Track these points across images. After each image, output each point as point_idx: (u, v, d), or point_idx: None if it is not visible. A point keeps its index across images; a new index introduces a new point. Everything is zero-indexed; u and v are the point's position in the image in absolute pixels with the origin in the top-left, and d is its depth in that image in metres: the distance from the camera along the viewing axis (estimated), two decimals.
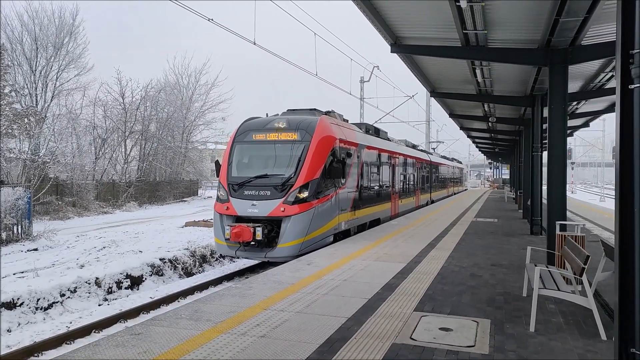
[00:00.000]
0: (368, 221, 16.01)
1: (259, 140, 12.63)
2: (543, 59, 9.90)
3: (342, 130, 13.74)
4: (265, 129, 12.70)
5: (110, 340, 5.27)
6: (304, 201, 11.45)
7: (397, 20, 10.04)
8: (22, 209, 17.22)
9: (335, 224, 12.78)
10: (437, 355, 4.88)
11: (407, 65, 13.48)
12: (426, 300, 6.96)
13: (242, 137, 12.91)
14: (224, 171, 12.52)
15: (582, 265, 5.64)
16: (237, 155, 12.80)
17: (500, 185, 63.62)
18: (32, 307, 9.89)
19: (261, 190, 11.71)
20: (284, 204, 11.38)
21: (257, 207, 11.54)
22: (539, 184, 15.65)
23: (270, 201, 11.51)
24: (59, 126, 30.73)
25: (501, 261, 10.20)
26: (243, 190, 11.91)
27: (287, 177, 11.74)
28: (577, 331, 5.72)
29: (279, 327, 5.68)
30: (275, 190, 11.60)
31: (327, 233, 12.30)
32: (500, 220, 19.34)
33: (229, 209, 11.83)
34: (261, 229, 11.11)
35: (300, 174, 11.66)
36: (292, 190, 11.47)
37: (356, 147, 14.58)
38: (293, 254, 11.05)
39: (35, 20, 31.86)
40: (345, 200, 13.50)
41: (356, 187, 14.56)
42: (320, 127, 12.41)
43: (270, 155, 12.53)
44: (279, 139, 12.41)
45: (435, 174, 32.86)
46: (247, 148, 12.82)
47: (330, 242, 12.46)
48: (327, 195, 12.24)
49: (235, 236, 11.12)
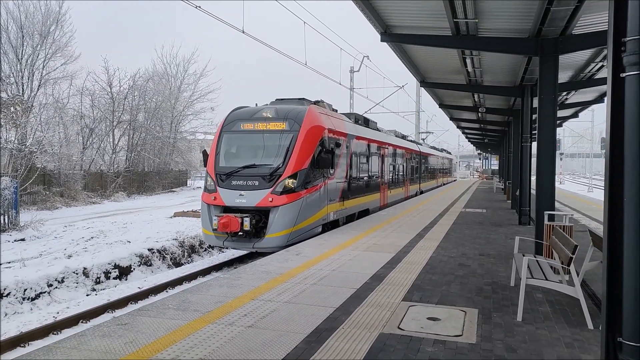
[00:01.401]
0: (357, 212, 16.01)
1: (247, 130, 12.52)
2: (533, 48, 9.88)
3: (331, 120, 13.63)
4: (253, 118, 12.61)
5: (96, 330, 5.20)
6: (292, 191, 11.37)
7: (387, 8, 9.96)
8: (9, 199, 17.00)
9: (323, 214, 12.71)
10: (425, 345, 4.88)
11: (397, 54, 13.41)
12: (414, 290, 6.96)
13: (229, 127, 12.80)
14: (212, 161, 12.41)
15: (570, 255, 5.66)
16: (224, 145, 12.67)
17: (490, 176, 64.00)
18: (19, 298, 9.78)
19: (249, 180, 11.63)
20: (272, 194, 11.30)
21: (245, 197, 11.46)
22: (527, 174, 15.73)
23: (258, 191, 11.43)
24: (45, 115, 30.29)
25: (489, 251, 10.25)
26: (231, 180, 11.83)
27: (275, 167, 11.64)
28: (564, 320, 5.76)
29: (266, 317, 5.65)
30: (263, 181, 11.54)
31: (315, 223, 12.25)
32: (488, 211, 19.44)
33: (216, 199, 11.72)
34: (249, 220, 11.01)
35: (289, 164, 11.57)
36: (280, 181, 11.40)
37: (345, 137, 14.49)
38: (281, 245, 11.00)
39: (20, 8, 31.25)
40: (334, 190, 13.43)
41: (345, 178, 14.48)
42: (309, 117, 12.31)
43: (258, 145, 12.38)
44: (267, 129, 12.30)
45: (424, 165, 32.80)
46: (235, 138, 12.69)
47: (318, 232, 12.40)
48: (316, 186, 12.16)
49: (222, 226, 11.02)
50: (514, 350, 4.81)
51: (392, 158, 21.83)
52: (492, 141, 45.66)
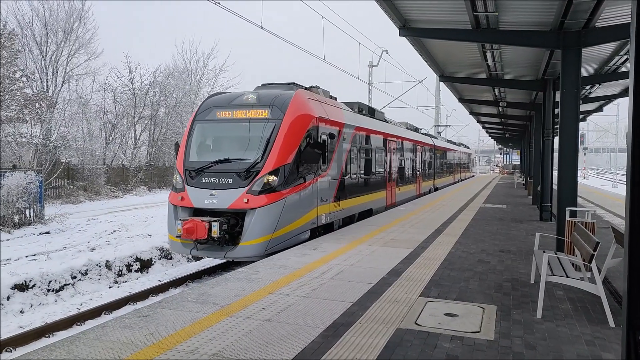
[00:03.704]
0: (357, 212, 14.42)
1: (223, 119, 10.92)
2: (555, 41, 9.69)
3: (324, 108, 12.04)
4: (231, 105, 11.00)
5: (118, 321, 5.32)
6: (272, 190, 9.79)
7: (405, 3, 9.87)
8: (34, 193, 17.40)
9: (312, 217, 11.08)
10: (442, 341, 4.86)
11: (415, 49, 13.29)
12: (432, 285, 6.94)
13: (204, 115, 11.22)
14: (181, 155, 10.90)
15: (592, 251, 5.57)
16: (196, 136, 11.09)
17: (510, 171, 63.10)
18: (44, 289, 10.03)
19: (222, 177, 10.07)
20: (247, 193, 9.71)
21: (217, 198, 9.86)
22: (549, 169, 15.48)
23: (231, 190, 9.84)
24: (69, 111, 30.91)
25: (509, 247, 10.14)
26: (201, 177, 10.25)
27: (252, 162, 10.03)
28: (585, 318, 5.68)
29: (284, 311, 5.70)
30: (238, 178, 9.95)
31: (302, 228, 10.65)
32: (509, 207, 19.20)
33: (184, 199, 10.17)
34: (218, 225, 9.41)
35: (269, 158, 9.99)
36: (259, 178, 9.82)
37: (342, 128, 12.89)
38: (258, 254, 9.55)
39: (45, 5, 31.85)
40: (326, 189, 11.83)
41: (341, 174, 12.87)
42: (295, 104, 10.69)
43: (235, 136, 10.84)
44: (246, 117, 10.69)
45: (439, 160, 30.94)
46: (209, 128, 11.12)
47: (306, 238, 10.83)
48: (303, 184, 10.58)
49: (187, 232, 9.41)
50: (533, 347, 4.77)
51: (401, 152, 20.15)
52: (513, 136, 44.96)
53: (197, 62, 46.08)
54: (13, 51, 22.18)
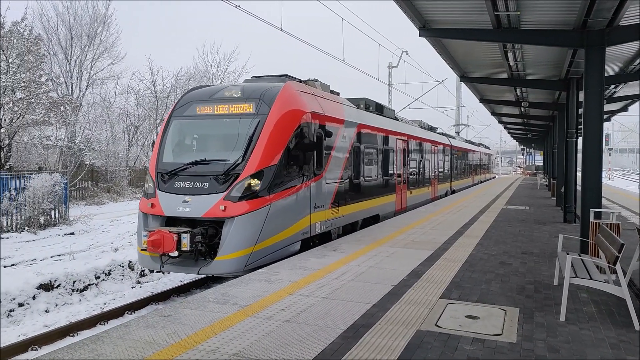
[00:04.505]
0: (360, 219, 13.08)
1: (203, 115, 9.80)
2: (578, 40, 9.53)
3: (320, 103, 10.81)
4: (212, 99, 9.87)
5: (141, 321, 5.41)
6: (254, 196, 8.57)
7: (425, 3, 9.82)
8: (59, 194, 17.79)
9: (304, 226, 9.81)
10: (463, 343, 4.83)
11: (435, 49, 13.20)
12: (453, 287, 6.88)
13: (181, 111, 10.08)
14: (154, 156, 9.77)
15: (617, 253, 5.47)
16: (172, 134, 9.96)
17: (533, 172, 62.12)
18: (69, 289, 10.25)
19: (197, 181, 8.90)
20: (225, 200, 8.49)
21: (190, 205, 8.66)
22: (573, 170, 15.21)
23: (207, 196, 8.64)
24: (93, 114, 31.58)
25: (532, 249, 9.99)
26: (174, 181, 9.08)
27: (232, 164, 8.83)
28: (610, 321, 5.57)
29: (304, 311, 5.72)
30: (215, 182, 8.76)
31: (290, 239, 9.39)
32: (532, 208, 18.92)
33: (154, 206, 8.96)
34: (188, 237, 8.17)
35: (251, 159, 8.78)
36: (238, 182, 8.61)
37: (341, 125, 11.65)
38: (236, 270, 8.39)
39: (69, 10, 32.59)
40: (322, 194, 10.56)
41: (341, 177, 11.59)
42: (283, 97, 9.50)
43: (215, 134, 9.83)
44: (229, 113, 9.58)
45: (457, 161, 29.33)
46: (187, 125, 10.00)
47: (296, 250, 9.60)
48: (292, 188, 9.35)
49: (152, 245, 8.19)
50: (556, 350, 4.70)
51: (414, 152, 18.80)
52: (536, 136, 44.26)
53: (217, 64, 46.59)
54: (39, 55, 22.76)
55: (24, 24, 22.19)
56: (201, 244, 8.52)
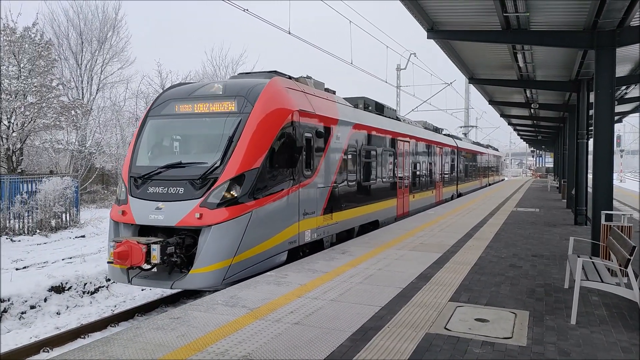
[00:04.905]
0: (356, 226, 12.31)
1: (182, 114, 9.13)
2: (589, 41, 9.47)
3: (310, 101, 10.10)
4: (192, 97, 9.22)
5: (151, 323, 5.44)
6: (233, 202, 7.88)
7: (433, 5, 9.82)
8: (70, 197, 17.97)
9: (291, 234, 9.10)
10: (472, 346, 4.80)
11: (444, 51, 13.17)
12: (462, 290, 6.85)
13: (159, 110, 9.41)
14: (127, 159, 9.11)
15: (628, 256, 5.42)
16: (147, 135, 9.28)
17: (544, 174, 61.62)
18: (80, 291, 10.33)
19: (172, 186, 8.18)
20: (201, 207, 7.79)
21: (164, 212, 7.95)
22: (584, 172, 15.08)
23: (182, 203, 7.94)
24: (104, 118, 31.85)
25: (542, 252, 9.92)
26: (147, 186, 8.38)
27: (210, 167, 8.14)
28: (622, 324, 5.51)
29: (312, 314, 5.73)
30: (191, 187, 8.07)
31: (275, 249, 8.67)
32: (542, 210, 18.78)
33: (125, 214, 8.27)
34: (159, 248, 7.48)
35: (231, 162, 8.10)
36: (216, 187, 7.93)
37: (335, 125, 10.94)
38: (213, 284, 7.73)
39: (80, 15, 32.95)
40: (312, 199, 9.87)
41: (334, 180, 10.87)
42: (268, 94, 8.83)
43: (194, 134, 9.19)
44: (209, 111, 8.94)
45: (463, 163, 28.53)
46: (164, 125, 9.31)
47: (282, 262, 8.87)
48: (277, 193, 8.67)
49: (119, 257, 7.51)
50: (566, 353, 4.66)
51: (417, 154, 18.04)
52: (546, 138, 43.97)
53: (226, 67, 46.76)
54: (50, 60, 23.02)
55: (35, 29, 22.48)
56: (176, 255, 7.80)
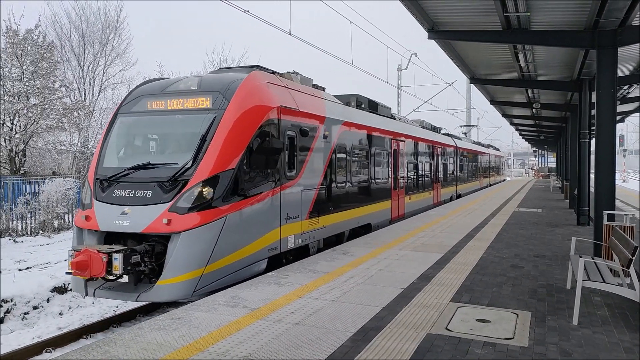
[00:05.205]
0: (347, 230, 11.72)
1: (154, 111, 8.57)
2: (590, 41, 9.46)
3: (294, 97, 9.51)
4: (165, 93, 8.65)
5: (152, 323, 5.46)
6: (206, 207, 7.28)
7: (433, 5, 9.81)
8: (73, 198, 18.00)
9: (271, 240, 8.47)
10: (474, 347, 4.79)
11: (445, 51, 13.17)
12: (463, 291, 6.84)
13: (130, 107, 8.86)
14: (94, 160, 8.52)
15: (630, 256, 5.40)
16: (116, 134, 8.73)
17: (546, 174, 61.52)
18: None
19: (139, 189, 7.60)
20: (170, 211, 7.19)
21: (130, 217, 7.33)
22: (586, 172, 15.05)
23: (149, 207, 7.33)
24: (106, 119, 31.85)
25: (544, 252, 9.90)
26: (113, 189, 7.78)
27: (180, 168, 7.56)
28: (624, 324, 5.50)
29: (313, 314, 5.73)
30: (160, 190, 7.47)
31: (253, 257, 8.04)
32: (544, 210, 18.74)
33: (89, 219, 7.64)
34: (121, 257, 6.86)
35: (203, 162, 7.52)
36: (187, 189, 7.34)
37: (322, 123, 10.34)
38: (183, 296, 7.14)
39: (82, 18, 33.00)
40: (296, 202, 9.27)
41: (321, 182, 10.27)
42: (245, 90, 8.25)
43: (165, 133, 8.59)
44: (182, 108, 8.36)
45: (463, 163, 27.86)
46: (134, 123, 8.73)
47: (261, 270, 8.26)
48: (255, 196, 8.05)
49: (77, 268, 6.86)
50: (568, 354, 4.65)
51: (413, 154, 17.45)
52: (548, 138, 43.90)
53: None
54: (52, 62, 23.09)
55: (38, 31, 22.56)
56: (145, 264, 7.22)
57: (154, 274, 7.29)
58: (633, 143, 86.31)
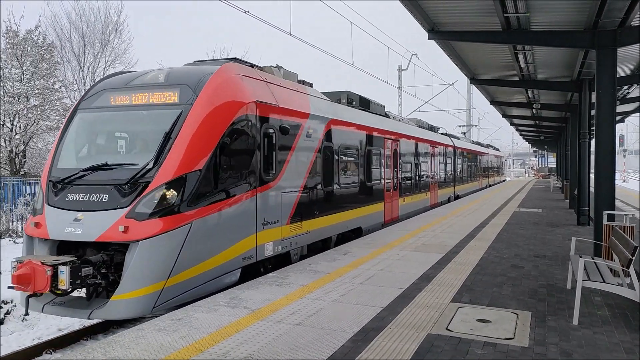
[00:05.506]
0: (334, 234, 11.03)
1: (117, 106, 7.86)
2: (589, 41, 9.47)
3: (273, 92, 8.80)
4: (129, 87, 7.95)
5: (153, 324, 5.46)
6: (169, 212, 6.59)
7: (433, 6, 9.83)
8: None
9: (245, 248, 7.77)
10: (474, 347, 4.79)
11: (445, 52, 13.18)
12: (464, 291, 6.84)
13: (90, 102, 8.12)
14: (49, 161, 7.83)
15: (630, 256, 5.41)
16: (74, 132, 8.00)
17: (546, 174, 61.54)
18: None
19: (95, 192, 6.87)
20: (128, 217, 6.51)
21: (82, 224, 6.61)
22: (586, 172, 15.06)
23: (104, 213, 6.64)
24: None
25: (545, 252, 9.90)
26: (67, 192, 7.05)
27: (140, 169, 6.89)
28: (624, 325, 5.50)
29: (314, 315, 5.73)
30: (117, 193, 6.78)
31: (224, 268, 7.33)
32: (545, 211, 18.74)
33: (39, 226, 6.94)
34: (68, 270, 6.15)
35: (166, 162, 6.84)
36: (147, 193, 6.65)
37: (305, 120, 9.68)
38: (141, 313, 6.49)
39: (82, 18, 33.01)
40: (274, 206, 8.57)
41: (304, 184, 9.61)
42: (216, 83, 7.57)
43: (128, 130, 7.91)
44: (148, 103, 7.64)
45: (461, 163, 27.29)
46: (95, 119, 8.01)
47: (233, 282, 7.56)
48: (226, 200, 7.34)
49: (20, 282, 6.19)
50: (568, 354, 4.65)
51: (408, 155, 16.85)
52: (548, 138, 43.93)
53: None
54: (52, 63, 23.12)
55: (38, 32, 22.59)
56: (100, 277, 6.60)
57: (114, 287, 6.55)
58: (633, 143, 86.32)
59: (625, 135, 65.68)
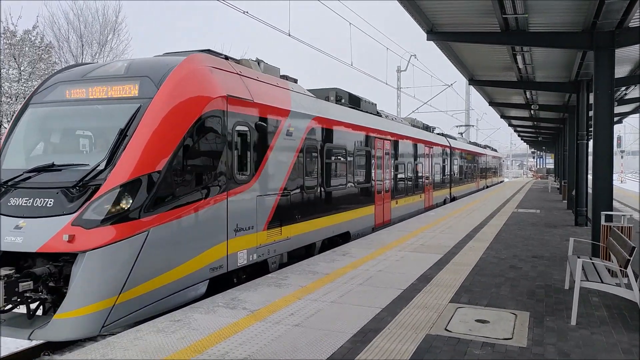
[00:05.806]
0: (318, 240, 10.38)
1: (71, 100, 7.13)
2: (587, 42, 9.51)
3: (247, 86, 8.09)
4: (86, 79, 7.24)
5: (151, 326, 5.46)
6: (122, 218, 5.93)
7: (432, 7, 9.84)
8: None
9: (214, 258, 7.12)
10: (473, 347, 4.80)
11: (444, 53, 13.20)
12: (463, 291, 6.85)
13: (43, 96, 7.41)
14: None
15: (628, 256, 5.43)
16: (23, 129, 7.29)
17: (544, 175, 61.64)
18: None
19: (39, 196, 6.18)
20: (74, 225, 5.83)
21: (24, 232, 5.96)
22: (584, 173, 15.10)
23: (48, 220, 5.95)
24: None
25: (543, 253, 9.92)
26: (9, 197, 6.37)
27: (90, 170, 6.19)
28: (622, 325, 5.51)
29: (312, 316, 5.73)
30: (63, 198, 6.09)
31: (187, 280, 6.68)
32: (543, 211, 18.78)
33: None
34: (1, 286, 5.48)
35: (120, 163, 6.16)
36: (98, 197, 5.96)
37: (285, 118, 9.00)
38: (87, 334, 5.76)
39: (80, 18, 32.98)
40: (249, 210, 7.89)
41: (284, 186, 8.94)
42: (180, 74, 6.89)
43: (81, 127, 7.17)
44: (106, 97, 6.94)
45: (457, 164, 26.71)
46: (46, 115, 7.30)
47: (199, 295, 6.91)
48: (190, 205, 6.68)
49: None
50: (566, 354, 4.66)
51: (401, 155, 16.21)
52: (547, 139, 44.02)
53: None
54: (50, 63, 23.09)
55: (36, 32, 22.58)
56: (46, 292, 5.91)
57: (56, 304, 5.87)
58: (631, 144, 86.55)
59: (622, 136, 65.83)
